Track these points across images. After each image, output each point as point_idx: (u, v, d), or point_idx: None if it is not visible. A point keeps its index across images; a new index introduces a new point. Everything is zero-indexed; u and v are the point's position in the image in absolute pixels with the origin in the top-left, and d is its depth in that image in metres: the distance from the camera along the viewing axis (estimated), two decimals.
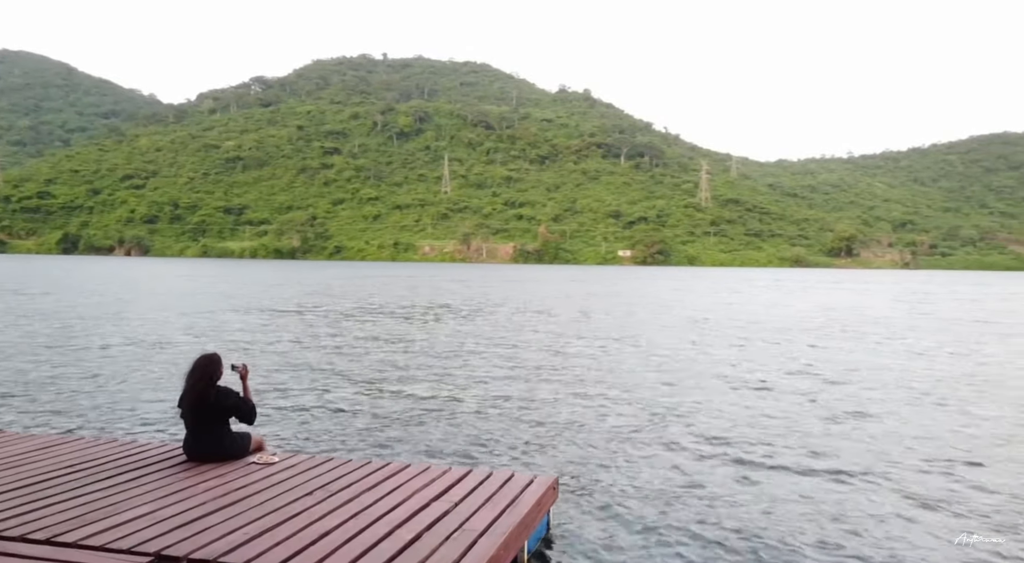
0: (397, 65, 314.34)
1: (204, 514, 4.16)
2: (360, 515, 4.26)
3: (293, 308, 28.31)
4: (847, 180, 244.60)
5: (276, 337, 18.64)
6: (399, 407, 10.16)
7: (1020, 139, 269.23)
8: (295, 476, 5.04)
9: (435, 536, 3.95)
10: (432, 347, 17.17)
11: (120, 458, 5.40)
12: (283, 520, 4.10)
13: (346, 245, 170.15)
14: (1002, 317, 29.90)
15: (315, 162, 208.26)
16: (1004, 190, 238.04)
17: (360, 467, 5.34)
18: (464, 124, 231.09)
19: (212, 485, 4.76)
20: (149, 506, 4.29)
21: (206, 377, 5.36)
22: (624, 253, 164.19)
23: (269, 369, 13.33)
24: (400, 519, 4.21)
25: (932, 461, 7.75)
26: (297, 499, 4.51)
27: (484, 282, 58.16)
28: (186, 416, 5.36)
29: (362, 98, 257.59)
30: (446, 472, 5.24)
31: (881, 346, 18.77)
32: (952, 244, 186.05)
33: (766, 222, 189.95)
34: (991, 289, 60.44)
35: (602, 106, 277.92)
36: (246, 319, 23.33)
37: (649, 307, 32.79)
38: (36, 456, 5.43)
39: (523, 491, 4.80)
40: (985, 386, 12.82)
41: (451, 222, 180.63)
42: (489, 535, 4.01)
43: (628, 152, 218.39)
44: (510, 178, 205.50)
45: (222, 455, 5.37)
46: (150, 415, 9.43)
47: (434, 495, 4.67)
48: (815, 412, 10.35)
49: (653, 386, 12.38)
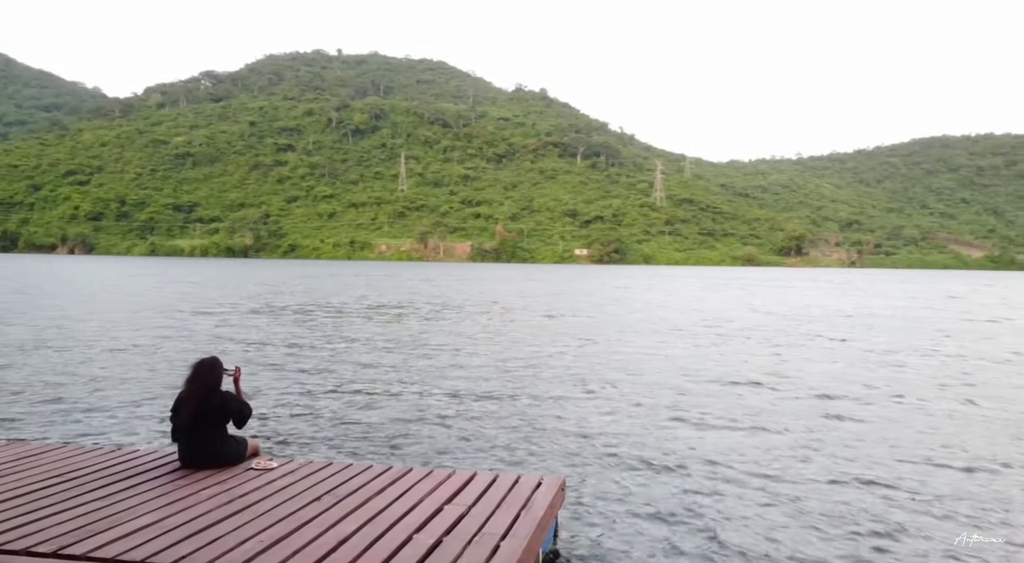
0: (352, 61, 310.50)
1: (214, 522, 4.05)
2: (374, 520, 4.18)
3: (262, 307, 27.74)
4: (796, 181, 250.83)
5: (245, 338, 18.24)
6: (385, 411, 9.96)
7: (958, 142, 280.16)
8: (298, 481, 4.92)
9: (456, 540, 3.89)
10: (408, 347, 17.02)
11: (112, 466, 5.20)
12: (297, 527, 4.01)
13: (301, 243, 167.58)
14: (976, 317, 31.04)
15: (268, 159, 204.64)
16: (944, 191, 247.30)
17: (362, 471, 5.23)
18: (421, 122, 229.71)
19: (215, 492, 4.63)
20: (155, 515, 4.15)
21: (210, 381, 5.24)
22: (581, 252, 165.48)
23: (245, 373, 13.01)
24: (416, 523, 4.14)
25: (932, 461, 7.82)
26: (306, 505, 4.41)
27: (451, 281, 57.89)
28: (184, 421, 5.16)
29: (316, 94, 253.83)
30: (451, 475, 5.17)
31: (896, 343, 19.27)
32: (896, 243, 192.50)
33: (719, 222, 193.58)
34: (958, 287, 62.66)
35: (558, 105, 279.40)
36: (210, 320, 22.78)
37: (645, 309, 33.08)
38: (22, 465, 5.18)
39: (533, 493, 4.76)
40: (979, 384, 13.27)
41: (408, 221, 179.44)
42: (511, 538, 3.96)
43: (584, 152, 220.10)
44: (467, 177, 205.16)
45: (220, 461, 5.22)
46: (124, 421, 9.13)
47: (444, 499, 4.61)
48: (813, 410, 10.57)
49: (650, 386, 12.49)
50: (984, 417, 10.12)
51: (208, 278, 55.17)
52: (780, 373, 13.89)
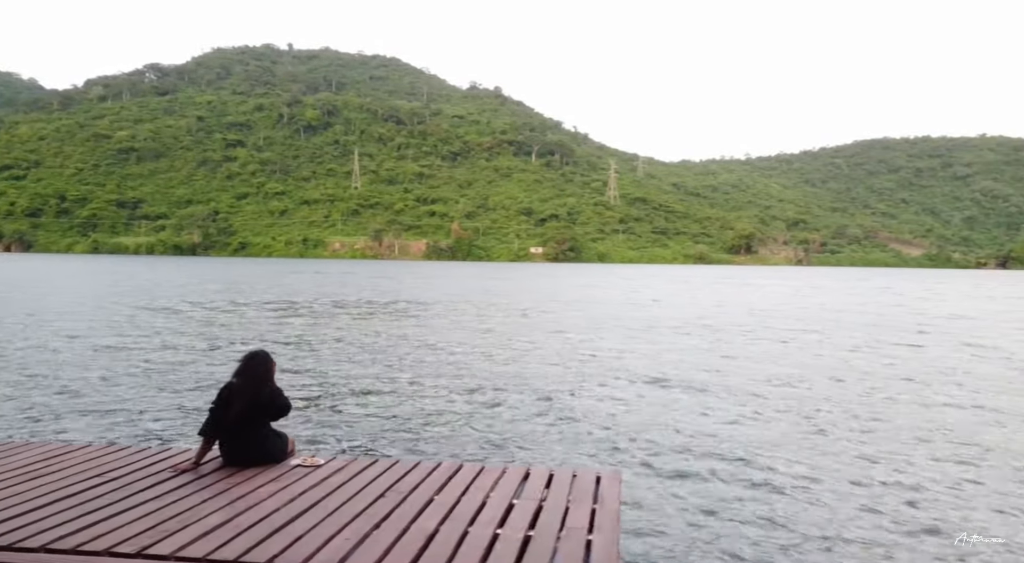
0: (303, 56, 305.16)
1: (289, 520, 3.91)
2: (451, 516, 4.06)
3: (226, 306, 27.07)
4: (745, 181, 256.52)
5: (221, 336, 17.78)
6: (396, 408, 9.86)
7: (898, 144, 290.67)
8: (353, 478, 4.77)
9: (544, 536, 3.77)
10: (397, 346, 16.84)
11: (150, 465, 4.98)
12: (375, 524, 3.90)
13: (252, 241, 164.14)
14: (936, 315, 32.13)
15: (217, 155, 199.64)
16: (885, 192, 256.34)
17: (413, 468, 5.08)
18: (374, 119, 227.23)
19: (273, 490, 4.46)
20: (223, 513, 3.98)
21: (263, 375, 5.08)
22: (536, 250, 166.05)
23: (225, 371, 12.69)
24: (493, 519, 4.03)
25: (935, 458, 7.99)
26: (373, 502, 4.28)
27: (421, 279, 57.40)
28: (234, 417, 4.94)
29: (267, 89, 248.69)
30: (505, 471, 5.05)
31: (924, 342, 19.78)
32: (840, 242, 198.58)
33: (671, 220, 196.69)
34: (913, 285, 64.82)
35: (513, 104, 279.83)
36: (178, 318, 22.15)
37: (638, 307, 33.32)
38: (55, 464, 4.97)
39: (598, 488, 4.67)
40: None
41: (362, 218, 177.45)
42: (599, 534, 3.84)
43: (539, 150, 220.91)
44: (422, 174, 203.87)
45: (266, 458, 5.03)
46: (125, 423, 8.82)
47: (509, 494, 4.48)
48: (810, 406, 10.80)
49: (653, 381, 12.58)
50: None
51: (172, 278, 53.70)
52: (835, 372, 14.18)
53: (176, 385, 11.10)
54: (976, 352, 17.27)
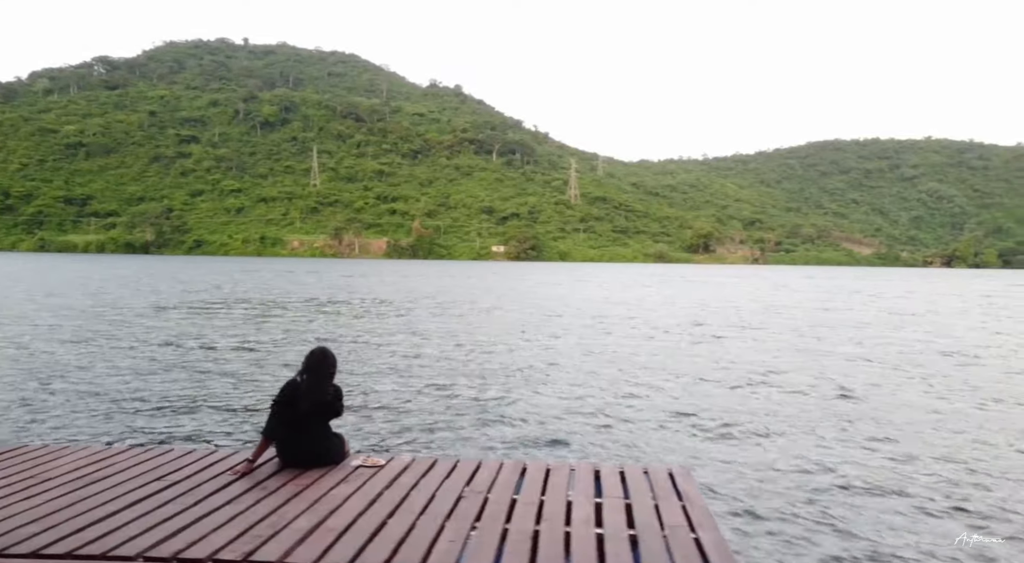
0: (259, 51, 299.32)
1: (380, 522, 3.79)
2: (545, 517, 3.91)
3: (197, 305, 26.39)
4: (703, 180, 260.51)
5: (206, 335, 17.32)
6: (414, 404, 9.70)
7: (848, 146, 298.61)
8: (422, 478, 4.62)
9: (651, 535, 3.67)
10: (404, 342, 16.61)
11: (205, 468, 4.75)
12: (472, 525, 3.78)
13: (207, 239, 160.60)
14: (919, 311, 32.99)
15: (170, 150, 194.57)
16: (836, 192, 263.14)
17: (478, 467, 4.92)
18: (333, 115, 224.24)
19: (347, 491, 4.30)
20: (308, 518, 3.81)
21: (331, 374, 4.92)
22: (498, 249, 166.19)
23: (245, 370, 12.36)
24: (588, 519, 3.90)
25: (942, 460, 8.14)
26: (456, 502, 4.16)
27: (397, 278, 56.84)
28: (301, 416, 4.74)
29: (222, 84, 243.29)
30: (574, 469, 4.89)
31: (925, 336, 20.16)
32: (794, 241, 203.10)
33: (631, 219, 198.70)
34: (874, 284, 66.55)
35: (473, 102, 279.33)
36: (166, 317, 21.50)
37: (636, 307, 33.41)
38: (106, 469, 4.73)
39: (676, 484, 4.57)
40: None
41: (321, 216, 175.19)
42: (702, 530, 3.75)
43: (499, 149, 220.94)
44: (382, 172, 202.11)
45: (327, 459, 4.84)
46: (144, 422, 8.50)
47: (590, 493, 4.37)
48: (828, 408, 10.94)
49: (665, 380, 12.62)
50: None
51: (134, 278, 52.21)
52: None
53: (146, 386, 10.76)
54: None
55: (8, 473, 4.67)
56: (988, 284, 68.72)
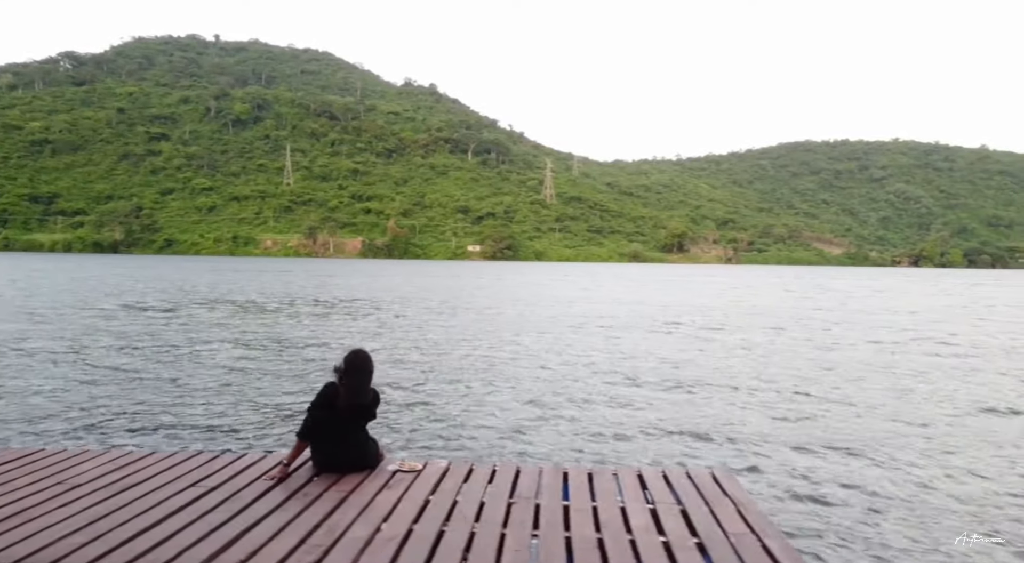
0: (231, 48, 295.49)
1: (438, 531, 3.66)
2: (604, 524, 3.78)
3: (193, 304, 25.93)
4: (676, 181, 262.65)
5: (208, 338, 17.02)
6: (425, 409, 9.59)
7: (819, 147, 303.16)
8: (465, 484, 4.47)
9: (717, 542, 3.57)
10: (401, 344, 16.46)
11: (239, 473, 4.55)
12: (532, 533, 3.66)
13: (178, 238, 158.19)
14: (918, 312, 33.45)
15: (140, 148, 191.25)
16: (807, 193, 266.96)
17: (518, 473, 4.71)
18: (306, 114, 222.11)
19: (393, 497, 4.15)
20: (364, 525, 3.71)
21: (371, 376, 4.77)
22: (474, 248, 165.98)
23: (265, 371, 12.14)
24: (648, 526, 3.79)
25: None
26: (509, 508, 4.03)
27: (386, 278, 56.39)
28: (336, 420, 4.58)
29: (192, 82, 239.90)
30: (617, 474, 4.76)
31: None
32: (767, 241, 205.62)
33: (606, 219, 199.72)
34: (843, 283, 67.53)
35: (448, 101, 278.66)
36: (146, 316, 21.07)
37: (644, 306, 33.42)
38: (137, 474, 4.51)
39: (722, 487, 4.49)
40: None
41: (295, 215, 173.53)
42: (768, 537, 3.64)
43: (475, 148, 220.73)
44: (356, 171, 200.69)
45: (364, 463, 4.70)
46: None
47: (640, 497, 4.26)
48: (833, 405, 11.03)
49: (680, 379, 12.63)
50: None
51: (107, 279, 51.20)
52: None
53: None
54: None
55: (34, 478, 4.43)
56: (978, 286, 70.19)
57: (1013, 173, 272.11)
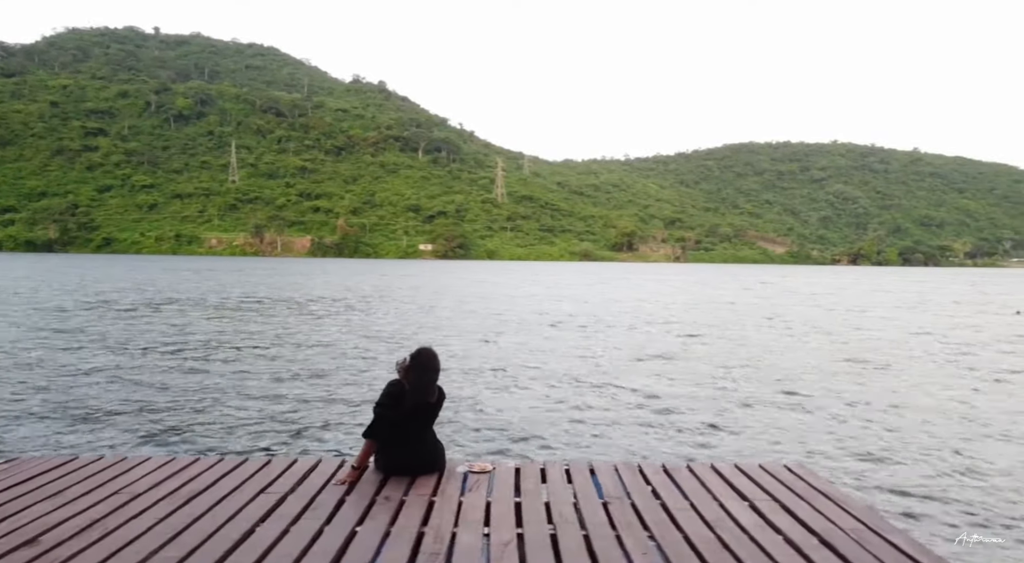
0: (171, 42, 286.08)
1: (550, 534, 3.51)
2: (712, 522, 3.66)
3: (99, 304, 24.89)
4: (625, 180, 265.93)
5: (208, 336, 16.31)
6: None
7: (762, 148, 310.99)
8: (544, 485, 4.27)
9: (843, 541, 3.43)
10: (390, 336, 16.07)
11: (303, 480, 4.27)
12: (647, 534, 3.52)
13: (117, 237, 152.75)
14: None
15: (75, 143, 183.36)
16: (751, 193, 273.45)
17: (593, 470, 4.55)
18: (252, 110, 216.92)
19: (480, 502, 3.93)
20: (468, 532, 3.56)
21: (438, 374, 4.55)
22: (425, 247, 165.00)
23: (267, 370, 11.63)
24: (758, 523, 3.67)
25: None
26: (607, 509, 3.86)
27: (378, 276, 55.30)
28: (404, 421, 4.38)
29: (131, 75, 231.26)
30: (691, 467, 4.63)
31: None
32: (713, 240, 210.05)
33: (557, 218, 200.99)
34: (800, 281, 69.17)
35: (398, 99, 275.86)
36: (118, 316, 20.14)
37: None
38: (191, 482, 4.20)
39: (807, 480, 4.37)
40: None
41: (240, 213, 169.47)
42: (886, 531, 3.55)
43: (425, 147, 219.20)
44: (304, 168, 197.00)
45: (434, 465, 4.48)
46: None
47: (729, 493, 4.15)
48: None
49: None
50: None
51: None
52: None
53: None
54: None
55: (95, 484, 4.06)
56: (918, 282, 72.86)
57: (943, 175, 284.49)
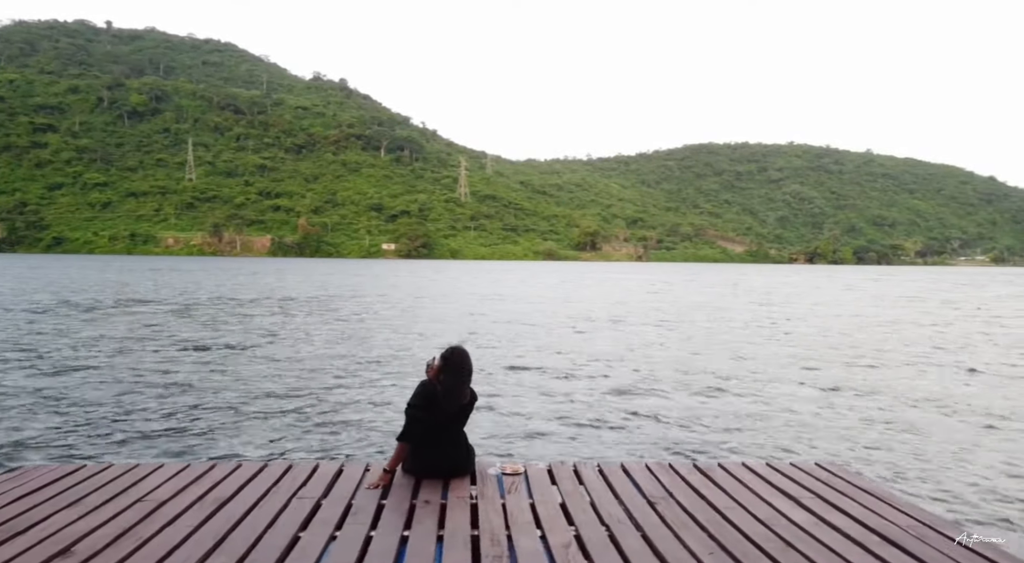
0: (125, 36, 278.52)
1: (608, 535, 3.41)
2: (769, 521, 3.58)
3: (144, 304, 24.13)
4: (588, 180, 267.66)
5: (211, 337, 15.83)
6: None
7: (721, 149, 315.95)
8: (581, 486, 4.17)
9: (897, 536, 3.40)
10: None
11: (331, 484, 4.11)
12: (707, 534, 3.44)
13: (68, 236, 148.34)
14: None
15: (23, 140, 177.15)
16: (711, 193, 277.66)
17: (627, 470, 4.50)
18: (209, 107, 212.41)
19: (522, 504, 3.80)
20: (524, 536, 3.42)
21: (471, 375, 4.41)
22: (388, 246, 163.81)
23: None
24: (815, 522, 3.60)
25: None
26: (655, 508, 3.78)
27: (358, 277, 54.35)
28: (438, 422, 4.24)
29: (82, 70, 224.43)
30: (745, 464, 4.59)
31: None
32: (674, 239, 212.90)
33: (520, 218, 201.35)
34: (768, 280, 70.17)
35: (359, 97, 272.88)
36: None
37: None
38: (217, 489, 3.96)
39: (845, 477, 4.37)
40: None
41: (198, 212, 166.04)
42: (946, 528, 3.51)
43: (388, 145, 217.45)
44: (264, 167, 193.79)
45: (467, 467, 4.38)
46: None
47: (769, 492, 4.07)
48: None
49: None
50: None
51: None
52: None
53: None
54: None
55: (108, 494, 3.83)
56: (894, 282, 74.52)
57: (894, 176, 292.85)
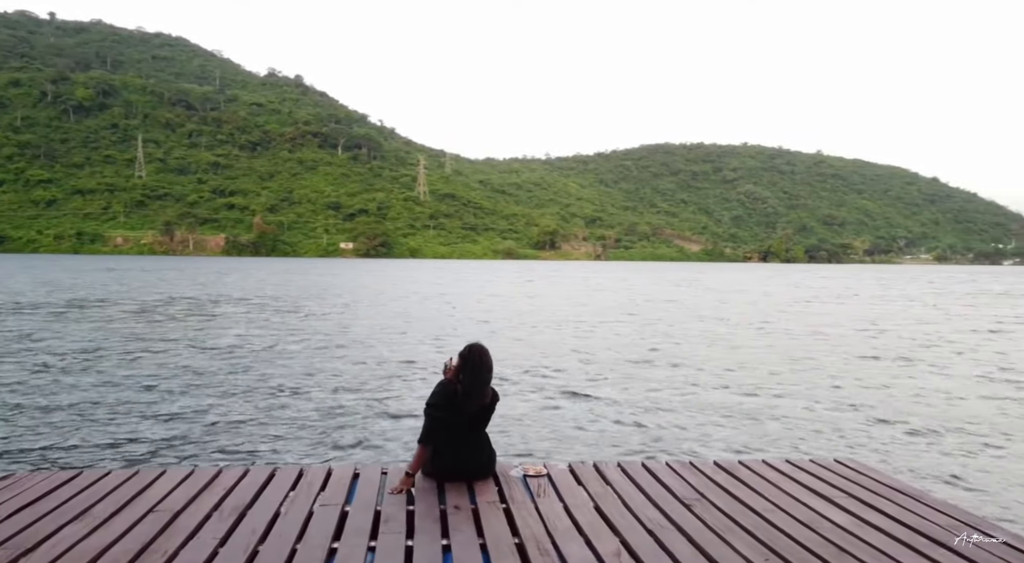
0: (69, 28, 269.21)
1: (657, 540, 3.29)
2: (807, 521, 3.52)
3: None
4: (547, 179, 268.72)
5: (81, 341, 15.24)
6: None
7: (677, 149, 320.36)
8: (610, 486, 4.07)
9: (940, 534, 3.35)
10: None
11: (349, 489, 3.93)
12: (750, 533, 3.37)
13: (11, 235, 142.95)
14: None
15: None
16: (667, 192, 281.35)
17: (651, 470, 4.39)
18: (160, 102, 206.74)
19: (557, 508, 3.69)
20: (571, 541, 3.30)
21: (491, 373, 4.25)
22: (346, 245, 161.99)
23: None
24: (854, 523, 3.53)
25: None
26: (691, 509, 3.70)
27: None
28: (459, 423, 4.09)
29: (24, 63, 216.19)
30: (766, 461, 4.51)
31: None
32: (632, 238, 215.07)
33: (480, 216, 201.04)
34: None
35: (315, 94, 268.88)
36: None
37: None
38: (233, 497, 3.78)
39: (869, 475, 4.31)
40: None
41: (149, 210, 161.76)
42: (988, 527, 3.47)
43: (345, 143, 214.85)
44: (217, 164, 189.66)
45: (489, 469, 4.23)
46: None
47: (797, 490, 4.02)
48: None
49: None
50: None
51: None
52: None
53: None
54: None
55: (116, 503, 3.62)
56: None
57: (844, 176, 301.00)
